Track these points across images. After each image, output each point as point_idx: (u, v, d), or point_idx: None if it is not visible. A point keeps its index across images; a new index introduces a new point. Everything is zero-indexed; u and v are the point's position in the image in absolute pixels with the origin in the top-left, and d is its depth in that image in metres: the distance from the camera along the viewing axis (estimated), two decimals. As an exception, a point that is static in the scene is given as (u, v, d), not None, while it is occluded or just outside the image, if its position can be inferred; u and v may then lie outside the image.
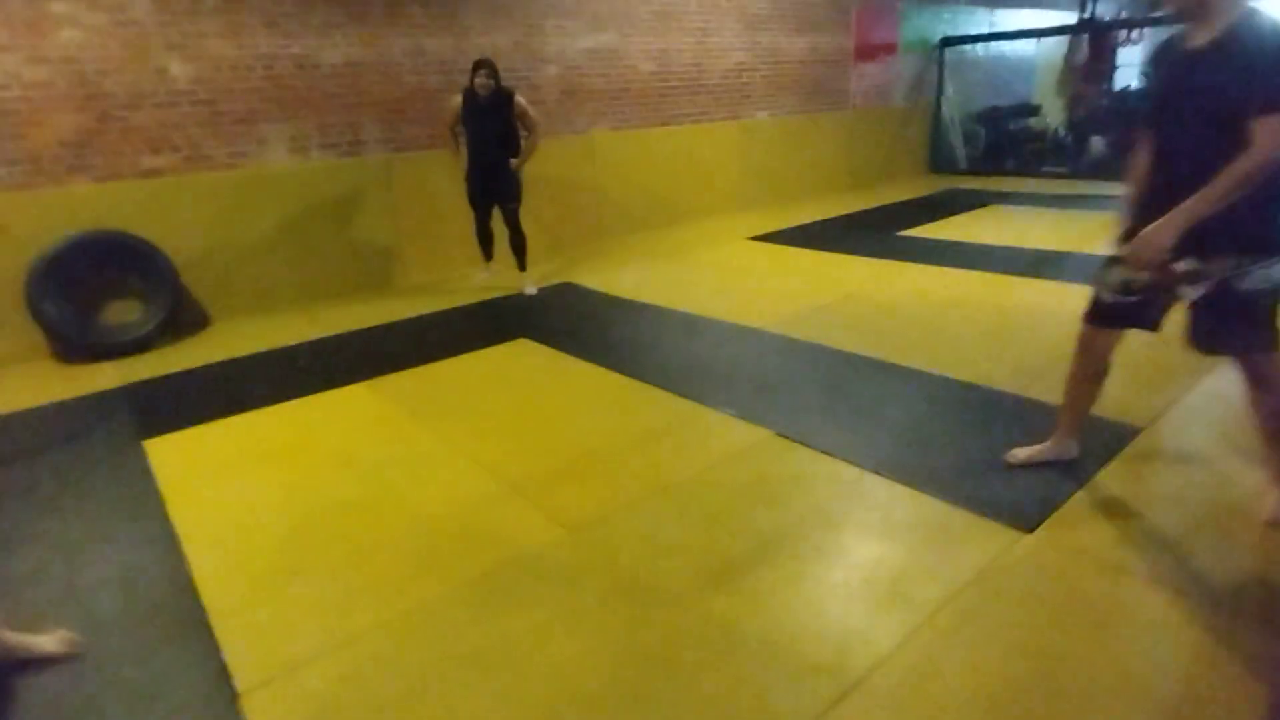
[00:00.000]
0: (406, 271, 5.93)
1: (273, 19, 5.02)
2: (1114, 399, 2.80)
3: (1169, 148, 2.12)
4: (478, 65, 4.88)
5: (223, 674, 1.87)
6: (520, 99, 5.05)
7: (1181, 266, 2.04)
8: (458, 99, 5.04)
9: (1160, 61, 2.23)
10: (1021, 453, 2.66)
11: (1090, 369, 2.46)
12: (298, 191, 5.32)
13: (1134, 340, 2.45)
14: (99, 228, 4.53)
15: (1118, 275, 2.26)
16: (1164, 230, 2.00)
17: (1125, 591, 2.01)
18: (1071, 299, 4.48)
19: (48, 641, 1.94)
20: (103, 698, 1.83)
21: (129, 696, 1.83)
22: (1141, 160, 2.26)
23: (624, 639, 1.93)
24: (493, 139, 5.03)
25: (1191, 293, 2.06)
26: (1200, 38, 2.01)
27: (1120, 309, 2.29)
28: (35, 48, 4.28)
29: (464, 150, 5.15)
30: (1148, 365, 3.29)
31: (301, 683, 1.84)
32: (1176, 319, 2.24)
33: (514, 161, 5.11)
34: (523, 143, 5.12)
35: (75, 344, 4.42)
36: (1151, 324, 2.29)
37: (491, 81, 4.87)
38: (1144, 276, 2.15)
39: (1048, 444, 2.64)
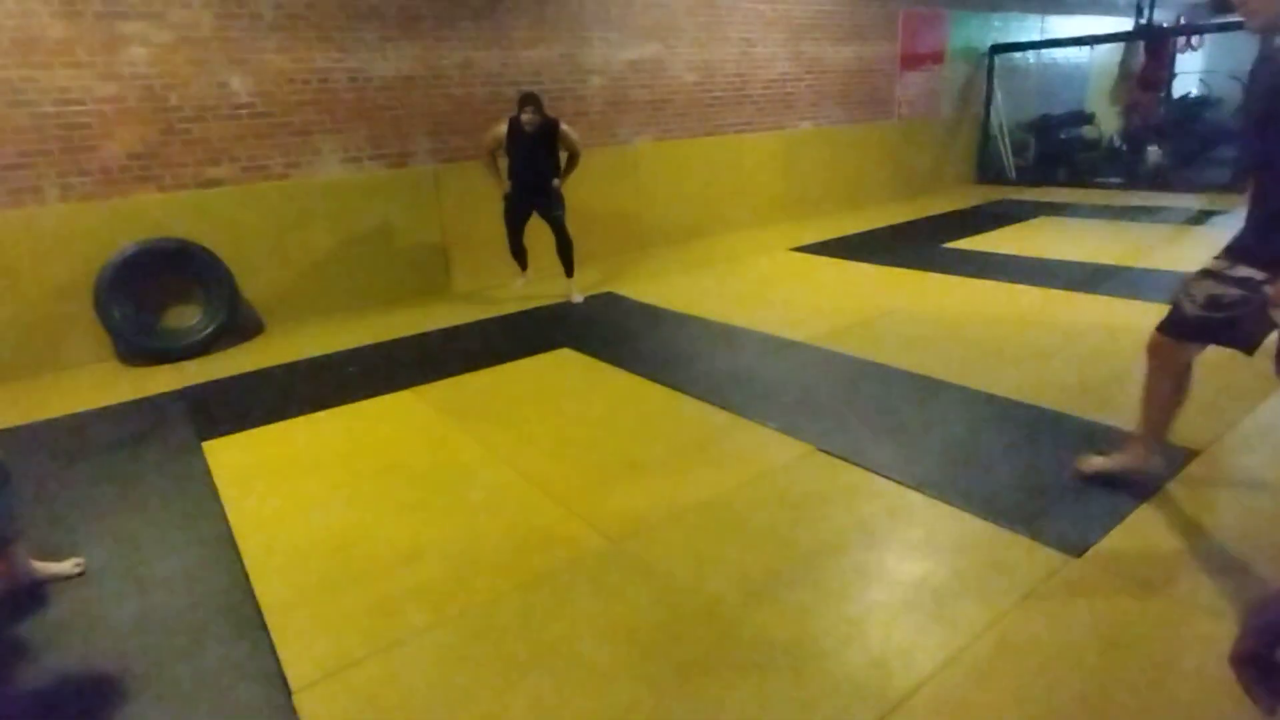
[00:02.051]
0: (453, 280, 6.05)
1: (328, 34, 5.18)
2: (1169, 420, 2.73)
3: (1272, 171, 2.00)
4: (524, 101, 4.92)
5: (277, 671, 1.94)
6: (564, 127, 5.14)
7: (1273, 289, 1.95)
8: (502, 128, 5.10)
9: (1257, 78, 2.02)
10: (1096, 461, 2.60)
11: (1164, 379, 2.36)
12: (349, 201, 5.47)
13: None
14: (162, 236, 4.73)
15: (1207, 289, 2.15)
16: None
17: (1177, 621, 1.96)
18: (1127, 314, 4.37)
19: (63, 566, 2.40)
20: (162, 691, 1.91)
21: (188, 690, 1.90)
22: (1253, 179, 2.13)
23: (665, 650, 1.95)
24: (538, 165, 5.15)
25: None
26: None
27: (1203, 324, 2.19)
28: (107, 65, 4.50)
29: (504, 173, 5.24)
30: (1204, 387, 3.18)
31: (352, 683, 1.90)
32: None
33: (556, 181, 5.24)
34: (563, 162, 5.23)
35: (138, 347, 4.61)
36: (1245, 344, 2.16)
37: (538, 117, 4.95)
38: (1235, 292, 2.05)
39: (1123, 454, 2.55)
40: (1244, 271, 2.05)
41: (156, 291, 4.79)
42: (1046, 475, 2.67)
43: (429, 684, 1.88)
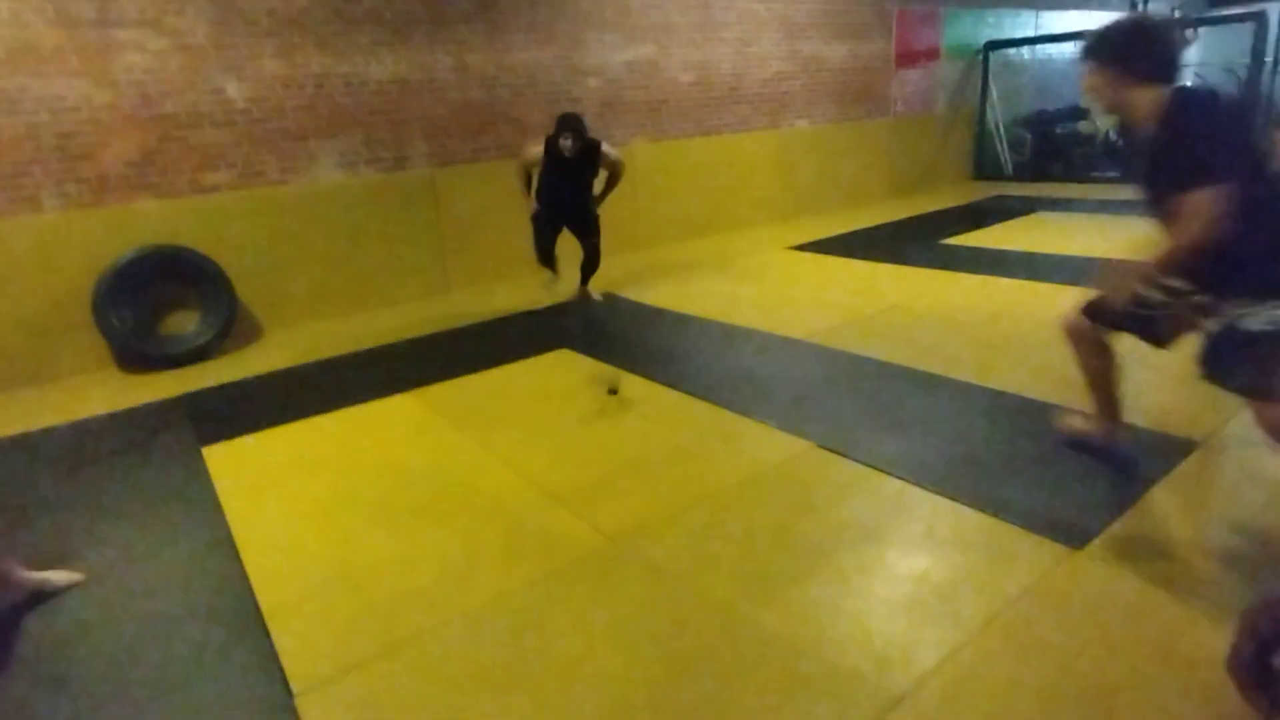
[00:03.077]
0: (451, 282, 6.05)
1: (323, 39, 5.18)
2: (1169, 413, 2.74)
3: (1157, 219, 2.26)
4: (562, 125, 4.67)
5: (279, 675, 1.94)
6: (606, 148, 4.92)
7: (1197, 300, 2.18)
8: (538, 149, 4.89)
9: (1127, 143, 2.35)
10: (1076, 420, 2.76)
11: (1092, 355, 2.53)
12: (346, 205, 5.47)
13: (1188, 356, 2.39)
14: (160, 243, 4.73)
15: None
16: (1128, 279, 2.15)
17: (1179, 613, 1.96)
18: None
19: (61, 577, 2.39)
20: (165, 695, 1.91)
21: (190, 694, 1.90)
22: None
23: (666, 650, 1.95)
24: (576, 188, 5.00)
25: (1207, 325, 2.15)
26: (1145, 127, 2.15)
27: (1123, 317, 2.37)
28: (103, 72, 4.50)
29: (533, 190, 5.09)
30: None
31: (354, 685, 1.90)
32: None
33: (594, 208, 5.13)
34: (603, 181, 5.10)
35: (137, 354, 4.61)
36: (1158, 341, 2.39)
37: (579, 143, 4.71)
38: (1158, 295, 2.27)
39: (1098, 427, 2.69)
40: (1174, 282, 2.25)
41: (154, 298, 4.79)
42: (1046, 469, 2.67)
43: (430, 686, 1.88)
